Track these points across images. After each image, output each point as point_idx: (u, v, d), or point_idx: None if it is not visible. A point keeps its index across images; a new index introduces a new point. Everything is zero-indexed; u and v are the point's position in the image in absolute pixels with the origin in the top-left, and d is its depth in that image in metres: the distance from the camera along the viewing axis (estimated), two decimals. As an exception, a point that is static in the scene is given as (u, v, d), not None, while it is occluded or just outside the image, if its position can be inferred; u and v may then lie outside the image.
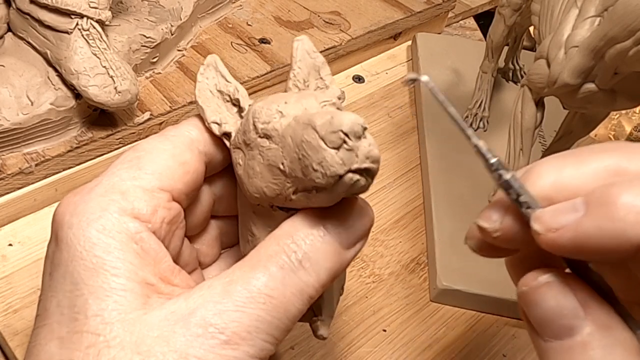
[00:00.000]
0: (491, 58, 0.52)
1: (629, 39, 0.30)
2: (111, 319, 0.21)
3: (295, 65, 0.28)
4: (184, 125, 0.27)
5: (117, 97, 0.40)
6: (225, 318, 0.21)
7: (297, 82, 0.28)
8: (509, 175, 0.20)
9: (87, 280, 0.21)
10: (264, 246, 0.23)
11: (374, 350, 0.38)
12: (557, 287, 0.20)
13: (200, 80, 0.27)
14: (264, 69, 0.52)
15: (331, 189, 0.22)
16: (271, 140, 0.23)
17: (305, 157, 0.21)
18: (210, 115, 0.26)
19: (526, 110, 0.38)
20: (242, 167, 0.25)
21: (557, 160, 0.21)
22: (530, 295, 0.20)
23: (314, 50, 0.28)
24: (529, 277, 0.20)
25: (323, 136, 0.21)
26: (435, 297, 0.42)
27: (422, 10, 0.63)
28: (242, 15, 0.58)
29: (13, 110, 0.40)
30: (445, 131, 0.52)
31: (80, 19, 0.40)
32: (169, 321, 0.21)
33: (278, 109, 0.23)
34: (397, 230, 0.46)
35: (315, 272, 0.23)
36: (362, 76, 0.59)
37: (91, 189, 0.24)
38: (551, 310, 0.19)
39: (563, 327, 0.19)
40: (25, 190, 0.41)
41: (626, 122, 0.84)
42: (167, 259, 0.24)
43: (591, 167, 0.20)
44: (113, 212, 0.23)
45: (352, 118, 0.21)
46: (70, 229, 0.22)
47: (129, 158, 0.25)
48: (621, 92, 0.34)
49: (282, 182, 0.23)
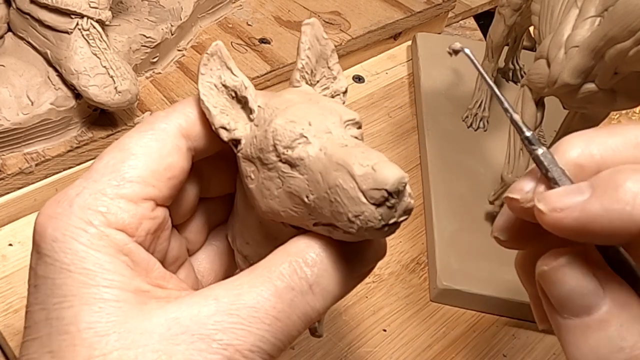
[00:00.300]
0: (491, 58, 0.52)
1: (629, 39, 0.30)
2: (106, 330, 0.20)
3: (304, 53, 0.25)
4: (176, 114, 0.25)
5: (117, 97, 0.40)
6: (231, 335, 0.20)
7: (305, 73, 0.25)
8: (540, 151, 0.21)
9: (77, 292, 0.21)
10: (275, 261, 0.22)
11: (374, 350, 0.38)
12: (577, 267, 0.20)
13: (203, 73, 0.24)
14: (264, 69, 0.52)
15: (359, 236, 0.21)
16: (294, 168, 0.21)
17: (340, 203, 0.20)
18: (218, 119, 0.23)
19: (526, 110, 0.38)
20: (254, 182, 0.23)
21: (589, 132, 0.21)
22: (550, 275, 0.20)
23: (324, 36, 0.26)
24: (549, 257, 0.20)
25: (364, 190, 0.20)
26: (435, 297, 0.42)
27: (422, 10, 0.63)
28: (242, 15, 0.58)
29: (13, 110, 0.40)
30: (445, 131, 0.52)
31: (80, 18, 0.40)
32: (171, 330, 0.20)
33: (303, 133, 0.21)
34: (397, 230, 0.46)
35: (323, 297, 0.22)
36: (362, 76, 0.59)
37: (72, 199, 0.22)
38: (571, 289, 0.20)
39: (583, 306, 0.20)
40: (26, 190, 0.41)
41: (626, 122, 0.84)
42: (157, 267, 0.23)
43: (620, 138, 0.20)
44: (98, 225, 0.22)
45: (397, 175, 0.20)
46: (54, 242, 0.22)
47: (113, 161, 0.23)
48: (621, 92, 0.34)
49: (303, 212, 0.22)
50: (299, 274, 0.22)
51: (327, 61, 0.26)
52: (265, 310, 0.21)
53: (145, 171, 0.23)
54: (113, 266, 0.22)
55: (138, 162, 0.23)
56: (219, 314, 0.21)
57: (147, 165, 0.23)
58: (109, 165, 0.23)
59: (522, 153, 0.39)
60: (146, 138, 0.24)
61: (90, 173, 0.23)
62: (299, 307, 0.21)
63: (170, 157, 0.24)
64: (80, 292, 0.21)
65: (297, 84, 0.25)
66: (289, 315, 0.21)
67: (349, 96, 0.27)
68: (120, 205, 0.22)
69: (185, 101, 0.25)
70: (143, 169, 0.23)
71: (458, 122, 0.53)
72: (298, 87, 0.25)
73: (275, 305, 0.21)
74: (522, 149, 0.39)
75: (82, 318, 0.20)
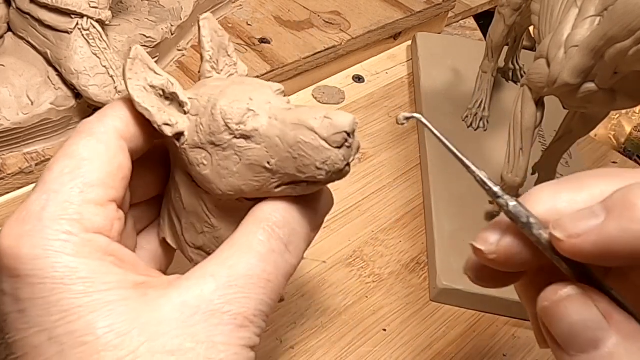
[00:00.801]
0: (491, 58, 0.52)
1: (629, 38, 0.30)
2: (126, 329, 0.20)
3: (208, 45, 0.27)
4: (109, 118, 0.25)
5: (117, 96, 0.40)
6: (236, 305, 0.22)
7: (213, 63, 0.27)
8: (512, 203, 0.21)
9: (80, 303, 0.21)
10: (249, 230, 0.24)
11: (374, 350, 0.38)
12: (579, 299, 0.19)
13: (130, 77, 0.25)
14: (264, 69, 0.52)
15: (326, 181, 0.24)
16: (250, 140, 0.24)
17: (305, 156, 0.23)
18: (160, 117, 0.24)
19: (526, 109, 0.38)
20: (208, 168, 0.24)
21: (554, 186, 0.21)
22: (552, 310, 0.20)
23: (220, 28, 0.28)
24: (549, 292, 0.20)
25: (326, 138, 0.22)
26: (435, 297, 0.42)
27: (422, 10, 0.63)
28: (242, 15, 0.58)
29: (13, 110, 0.40)
30: (445, 131, 0.51)
31: (80, 18, 0.40)
32: (184, 314, 0.21)
33: (249, 107, 0.24)
34: (397, 230, 0.46)
35: (297, 254, 0.25)
36: (362, 76, 0.59)
37: (39, 213, 0.22)
38: (576, 323, 0.19)
39: (589, 340, 0.19)
40: (26, 190, 0.41)
41: (626, 122, 0.84)
42: (139, 260, 0.24)
43: (587, 192, 0.20)
44: (78, 232, 0.22)
45: (350, 117, 0.23)
46: (35, 260, 0.21)
47: (68, 169, 0.23)
48: (621, 92, 0.34)
49: (265, 178, 0.24)
50: (274, 237, 0.24)
51: (226, 50, 0.28)
52: (258, 275, 0.23)
53: (102, 174, 0.23)
54: (105, 268, 0.22)
55: (92, 166, 0.23)
56: (220, 288, 0.22)
57: (102, 168, 0.23)
58: (64, 173, 0.23)
59: (522, 153, 0.39)
60: (92, 143, 0.24)
61: (45, 186, 0.23)
62: (281, 266, 0.24)
63: (117, 158, 0.24)
64: (83, 302, 0.21)
65: (208, 75, 0.27)
66: (277, 276, 0.23)
67: (349, 96, 0.28)
68: (91, 210, 0.22)
69: (113, 105, 0.25)
70: (100, 172, 0.23)
71: (458, 122, 0.53)
72: (210, 77, 0.27)
73: (265, 269, 0.23)
74: (522, 149, 0.39)
75: (97, 324, 0.20)
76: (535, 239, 0.20)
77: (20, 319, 0.21)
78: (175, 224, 0.28)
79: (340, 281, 0.42)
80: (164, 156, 0.28)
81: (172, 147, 0.26)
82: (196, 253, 0.28)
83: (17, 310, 0.21)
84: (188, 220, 0.27)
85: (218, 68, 0.28)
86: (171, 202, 0.28)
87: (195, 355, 0.21)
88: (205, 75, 0.27)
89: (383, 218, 0.46)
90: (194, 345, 0.21)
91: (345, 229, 0.45)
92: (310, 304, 0.40)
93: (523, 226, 0.21)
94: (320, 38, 0.56)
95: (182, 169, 0.26)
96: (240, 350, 0.22)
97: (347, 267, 0.43)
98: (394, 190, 0.49)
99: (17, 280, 0.21)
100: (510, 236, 0.21)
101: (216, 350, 0.21)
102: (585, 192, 0.20)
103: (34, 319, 0.21)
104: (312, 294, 0.41)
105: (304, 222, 0.25)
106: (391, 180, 0.49)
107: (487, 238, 0.22)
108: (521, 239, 0.21)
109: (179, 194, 0.27)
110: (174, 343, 0.21)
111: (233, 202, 0.26)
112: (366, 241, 0.45)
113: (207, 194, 0.26)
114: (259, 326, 0.23)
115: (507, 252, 0.21)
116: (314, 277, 0.42)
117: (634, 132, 0.82)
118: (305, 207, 0.25)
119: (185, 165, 0.25)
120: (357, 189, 0.48)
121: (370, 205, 0.47)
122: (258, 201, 0.25)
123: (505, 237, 0.21)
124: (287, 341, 0.38)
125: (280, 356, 0.37)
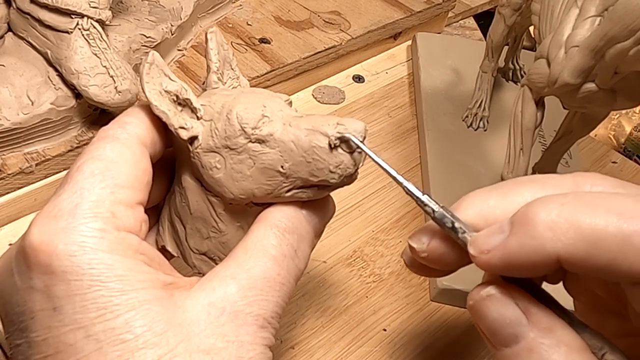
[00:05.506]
0: (491, 58, 0.52)
1: (629, 38, 0.30)
2: (162, 329, 0.21)
3: (215, 57, 0.28)
4: (130, 124, 0.25)
5: (117, 96, 0.40)
6: (256, 306, 0.23)
7: (219, 74, 0.28)
8: (440, 208, 0.23)
9: (118, 301, 0.21)
10: (261, 235, 0.24)
11: (374, 350, 0.38)
12: (500, 298, 0.21)
13: (148, 82, 0.25)
14: (264, 69, 0.52)
15: (337, 185, 0.25)
16: (265, 144, 0.24)
17: (319, 160, 0.24)
18: (176, 120, 0.25)
19: (526, 109, 0.38)
20: (221, 171, 0.25)
21: (485, 193, 0.23)
22: (476, 308, 0.22)
23: (225, 42, 0.29)
24: (474, 292, 0.22)
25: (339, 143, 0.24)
26: (435, 297, 0.42)
27: (422, 10, 0.63)
28: (242, 15, 0.58)
29: (13, 110, 0.40)
30: (445, 131, 0.52)
31: (80, 18, 0.40)
32: (212, 315, 0.22)
33: (263, 113, 0.25)
34: (397, 230, 0.46)
35: (304, 258, 0.25)
36: (362, 76, 0.59)
37: (72, 211, 0.22)
38: (496, 320, 0.21)
39: (510, 335, 0.21)
40: (26, 190, 0.41)
41: (626, 122, 0.84)
42: (165, 261, 0.24)
43: (511, 199, 0.22)
44: (112, 231, 0.22)
45: (362, 123, 0.24)
46: (72, 256, 0.21)
47: (97, 170, 0.23)
48: (621, 92, 0.34)
49: (277, 182, 0.25)
50: (285, 242, 0.24)
51: (230, 64, 0.29)
52: (274, 278, 0.23)
53: (130, 177, 0.24)
54: (139, 267, 0.22)
55: (121, 169, 0.24)
56: (242, 290, 0.23)
57: (130, 171, 0.24)
58: (95, 174, 0.23)
59: (522, 153, 0.39)
60: (118, 146, 0.24)
61: (76, 185, 0.23)
62: (292, 270, 0.24)
63: (142, 162, 0.25)
64: (121, 300, 0.21)
65: (215, 85, 0.28)
66: (289, 279, 0.24)
67: (349, 96, 0.29)
68: (121, 211, 0.23)
69: (131, 112, 0.26)
70: (128, 175, 0.24)
71: (458, 122, 0.53)
72: (217, 87, 0.28)
73: (279, 272, 0.24)
74: (522, 149, 0.39)
75: (136, 323, 0.20)
76: (461, 242, 0.22)
77: (53, 316, 0.21)
78: (178, 230, 0.28)
79: (341, 281, 0.42)
80: (164, 167, 0.28)
81: (182, 152, 0.26)
82: (199, 259, 0.28)
83: (49, 307, 0.21)
84: (194, 226, 0.27)
85: (222, 80, 0.29)
86: (174, 210, 0.28)
87: (228, 354, 0.21)
88: (211, 85, 0.28)
89: (383, 218, 0.46)
90: (225, 345, 0.21)
91: (346, 228, 0.45)
92: (310, 304, 0.40)
93: (448, 231, 0.23)
94: (320, 38, 0.56)
95: (192, 174, 0.26)
96: (264, 349, 0.23)
97: (348, 267, 0.43)
98: (394, 190, 0.49)
99: (51, 277, 0.21)
100: (438, 239, 0.23)
101: (245, 349, 0.22)
102: (509, 199, 0.22)
103: (70, 317, 0.21)
104: (312, 294, 0.41)
105: (309, 229, 0.26)
106: (391, 180, 0.49)
107: (421, 237, 0.24)
108: (449, 241, 0.23)
109: (186, 200, 0.27)
110: (207, 343, 0.21)
111: (241, 207, 0.26)
112: (366, 241, 0.45)
113: (216, 199, 0.26)
114: (275, 327, 0.23)
115: (436, 252, 0.23)
116: (314, 277, 0.42)
117: (634, 132, 0.82)
118: (311, 214, 0.26)
119: (196, 170, 0.26)
120: (357, 189, 0.48)
121: (370, 205, 0.47)
122: (266, 206, 0.26)
123: (435, 239, 0.23)
124: (287, 341, 0.38)
125: (281, 356, 0.37)
